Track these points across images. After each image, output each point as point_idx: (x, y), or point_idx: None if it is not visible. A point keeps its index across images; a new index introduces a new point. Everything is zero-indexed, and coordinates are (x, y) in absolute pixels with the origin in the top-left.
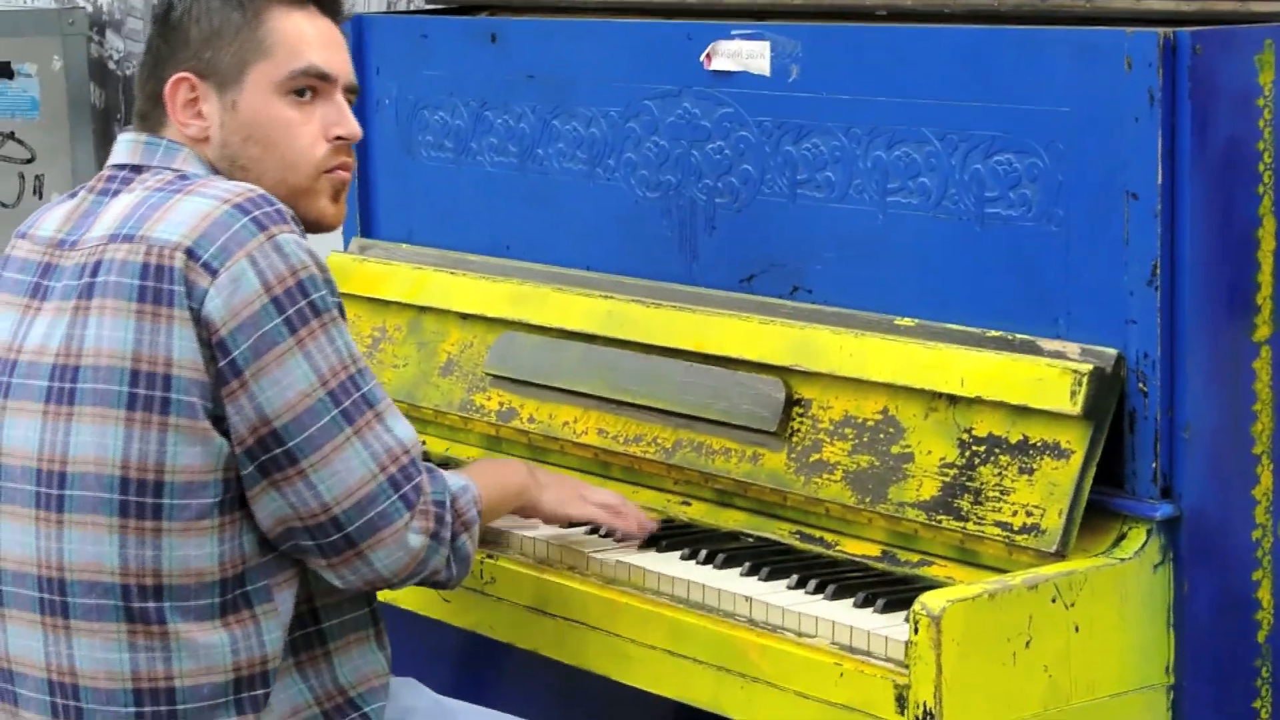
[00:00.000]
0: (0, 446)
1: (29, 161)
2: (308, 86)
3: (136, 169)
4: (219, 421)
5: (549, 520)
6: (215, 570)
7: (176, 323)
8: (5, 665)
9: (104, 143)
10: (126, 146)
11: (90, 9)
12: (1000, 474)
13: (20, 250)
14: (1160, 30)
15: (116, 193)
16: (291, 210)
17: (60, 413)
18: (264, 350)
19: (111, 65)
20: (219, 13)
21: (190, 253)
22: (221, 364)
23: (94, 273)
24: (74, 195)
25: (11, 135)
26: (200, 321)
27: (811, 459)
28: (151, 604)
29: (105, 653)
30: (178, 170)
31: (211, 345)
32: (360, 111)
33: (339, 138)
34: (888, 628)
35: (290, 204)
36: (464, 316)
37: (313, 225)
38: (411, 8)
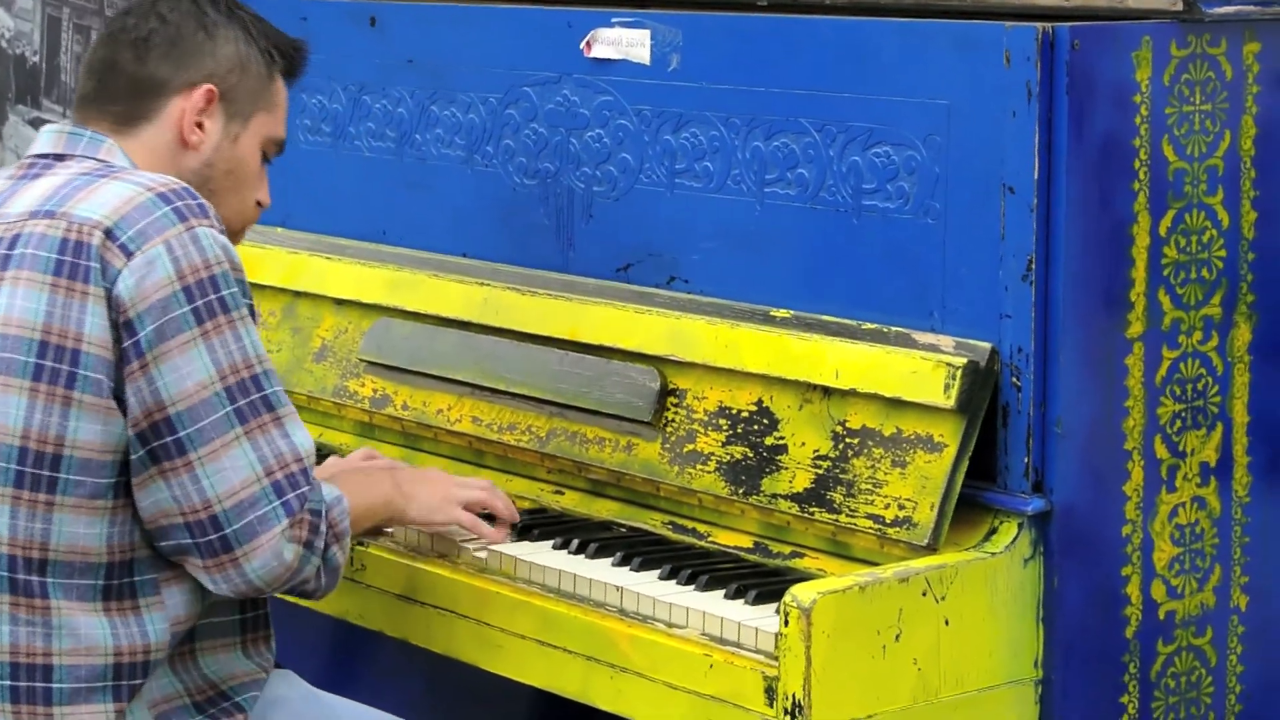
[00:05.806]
0: None
1: None
2: (274, 154)
3: (59, 158)
4: (121, 402)
5: (420, 527)
6: (102, 551)
7: (90, 299)
8: None
9: None
10: (49, 138)
11: None
12: (873, 466)
13: None
14: (1039, 25)
15: (38, 176)
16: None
17: None
18: (168, 335)
19: (3, 44)
20: (248, 49)
21: (109, 233)
22: (126, 344)
23: (11, 246)
24: None
25: None
26: (111, 301)
27: (685, 449)
28: (36, 578)
29: None
30: (102, 160)
31: (119, 325)
32: None
33: (258, 204)
34: (758, 619)
35: None
36: (339, 302)
37: None
38: None
